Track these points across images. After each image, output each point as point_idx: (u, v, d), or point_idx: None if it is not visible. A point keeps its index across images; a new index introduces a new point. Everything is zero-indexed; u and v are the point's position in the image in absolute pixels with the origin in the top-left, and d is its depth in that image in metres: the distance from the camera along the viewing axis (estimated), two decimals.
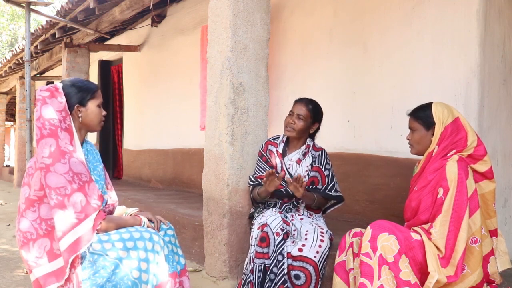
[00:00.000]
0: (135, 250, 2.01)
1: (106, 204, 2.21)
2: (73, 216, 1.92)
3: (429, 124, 2.28)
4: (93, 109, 2.18)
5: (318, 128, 2.94)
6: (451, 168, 2.14)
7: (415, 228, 2.22)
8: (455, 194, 2.11)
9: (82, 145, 2.20)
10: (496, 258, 2.26)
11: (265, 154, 2.93)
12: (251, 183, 2.92)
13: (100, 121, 2.23)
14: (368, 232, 2.14)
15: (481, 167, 2.24)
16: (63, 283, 1.96)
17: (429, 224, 2.17)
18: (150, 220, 2.28)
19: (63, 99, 2.09)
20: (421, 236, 2.14)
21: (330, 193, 2.82)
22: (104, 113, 2.25)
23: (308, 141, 2.91)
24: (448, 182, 2.13)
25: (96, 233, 2.01)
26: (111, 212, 2.26)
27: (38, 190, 2.00)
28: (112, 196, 2.30)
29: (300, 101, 2.88)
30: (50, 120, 2.01)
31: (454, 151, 2.22)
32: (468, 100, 3.01)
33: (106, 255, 1.96)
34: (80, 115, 2.15)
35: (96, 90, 2.21)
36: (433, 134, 2.26)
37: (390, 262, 2.05)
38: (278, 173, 2.77)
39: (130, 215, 2.31)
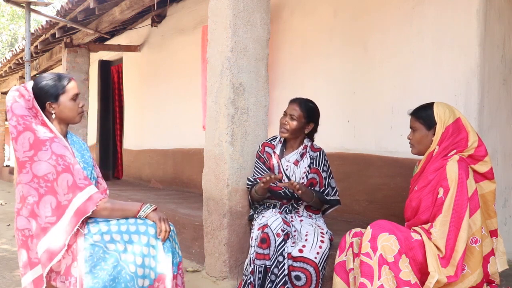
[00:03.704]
0: (131, 244, 2.00)
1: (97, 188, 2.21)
2: (63, 198, 1.97)
3: (430, 124, 2.27)
4: (66, 104, 2.16)
5: (315, 129, 2.91)
6: (452, 168, 2.14)
7: (415, 228, 2.22)
8: (456, 194, 2.10)
9: (66, 137, 2.22)
10: (496, 258, 2.26)
11: (262, 156, 2.93)
12: (250, 183, 2.91)
13: (78, 113, 2.20)
14: (368, 232, 2.14)
15: (481, 167, 2.24)
16: (63, 279, 1.97)
17: (429, 224, 2.17)
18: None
19: (30, 97, 2.11)
20: (421, 236, 2.14)
21: (326, 197, 2.82)
22: (81, 104, 2.22)
23: (306, 141, 2.89)
24: (448, 182, 2.13)
25: (94, 219, 2.03)
26: None
27: None
28: (102, 183, 2.32)
29: (293, 101, 2.86)
30: (23, 117, 2.05)
31: (454, 151, 2.22)
32: (468, 100, 3.00)
33: (105, 247, 1.96)
34: (53, 111, 2.15)
35: (67, 83, 2.18)
36: (434, 134, 2.26)
37: (390, 262, 2.05)
38: (275, 175, 2.77)
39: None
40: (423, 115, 2.30)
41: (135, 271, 1.98)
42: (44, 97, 2.13)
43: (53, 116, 2.15)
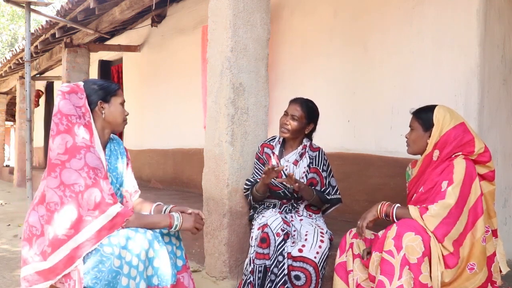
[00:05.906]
0: (126, 249, 1.94)
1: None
2: (86, 213, 1.91)
3: (428, 126, 2.26)
4: (116, 106, 2.18)
5: (314, 129, 2.92)
6: (459, 165, 2.12)
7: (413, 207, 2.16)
8: (461, 186, 2.08)
9: (106, 145, 2.20)
10: (498, 259, 2.25)
11: (261, 157, 2.93)
12: (250, 183, 2.91)
13: (124, 119, 2.22)
14: (393, 229, 2.06)
15: (481, 169, 2.22)
16: (63, 280, 1.96)
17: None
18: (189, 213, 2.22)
19: (83, 95, 2.10)
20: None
21: (327, 196, 2.81)
22: (126, 113, 2.24)
23: (305, 141, 2.89)
24: (453, 175, 2.10)
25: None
26: None
27: None
28: (128, 201, 2.31)
29: (294, 101, 2.85)
30: (67, 116, 2.02)
31: (459, 153, 2.20)
32: (468, 100, 3.00)
33: (103, 251, 1.94)
34: (103, 111, 2.14)
35: (118, 89, 2.21)
36: (430, 137, 2.25)
37: (412, 263, 1.99)
38: (278, 167, 2.73)
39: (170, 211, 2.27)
40: (423, 116, 2.29)
41: (131, 275, 1.95)
42: (97, 95, 2.13)
43: (103, 115, 2.14)
